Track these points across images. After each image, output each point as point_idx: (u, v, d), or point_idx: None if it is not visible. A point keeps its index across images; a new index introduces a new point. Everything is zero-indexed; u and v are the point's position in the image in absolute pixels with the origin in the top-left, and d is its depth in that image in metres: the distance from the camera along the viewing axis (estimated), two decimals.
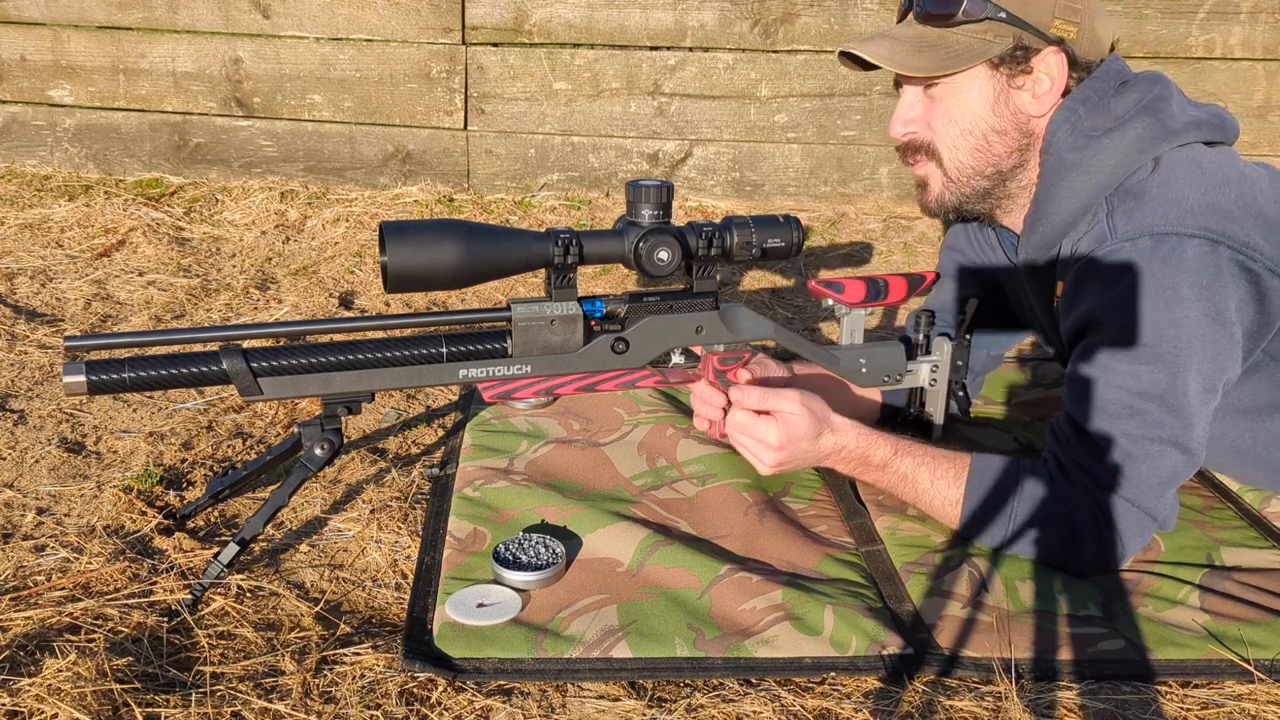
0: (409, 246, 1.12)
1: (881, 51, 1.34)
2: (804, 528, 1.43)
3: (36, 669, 1.10)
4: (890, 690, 1.14)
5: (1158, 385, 1.25)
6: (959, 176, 1.39)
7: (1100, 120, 1.32)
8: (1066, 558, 1.31)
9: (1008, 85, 1.34)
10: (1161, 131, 1.30)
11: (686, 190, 2.99)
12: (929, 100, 1.38)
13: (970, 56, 1.32)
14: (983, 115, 1.35)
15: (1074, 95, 1.33)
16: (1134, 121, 1.30)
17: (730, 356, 1.40)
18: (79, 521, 1.40)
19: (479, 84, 2.93)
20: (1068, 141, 1.32)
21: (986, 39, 1.32)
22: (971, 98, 1.35)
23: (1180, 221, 1.24)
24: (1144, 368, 1.26)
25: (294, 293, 2.29)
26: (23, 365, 1.86)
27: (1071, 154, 1.32)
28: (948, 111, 1.36)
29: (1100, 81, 1.33)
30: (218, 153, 3.00)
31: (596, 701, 1.11)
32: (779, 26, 2.86)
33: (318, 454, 1.25)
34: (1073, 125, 1.32)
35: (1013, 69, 1.33)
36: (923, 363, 1.52)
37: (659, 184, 1.25)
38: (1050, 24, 1.32)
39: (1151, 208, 1.26)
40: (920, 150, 1.41)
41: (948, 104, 1.36)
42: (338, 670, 1.15)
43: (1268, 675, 1.16)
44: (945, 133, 1.37)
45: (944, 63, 1.33)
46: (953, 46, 1.33)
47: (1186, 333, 1.24)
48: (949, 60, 1.33)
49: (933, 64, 1.33)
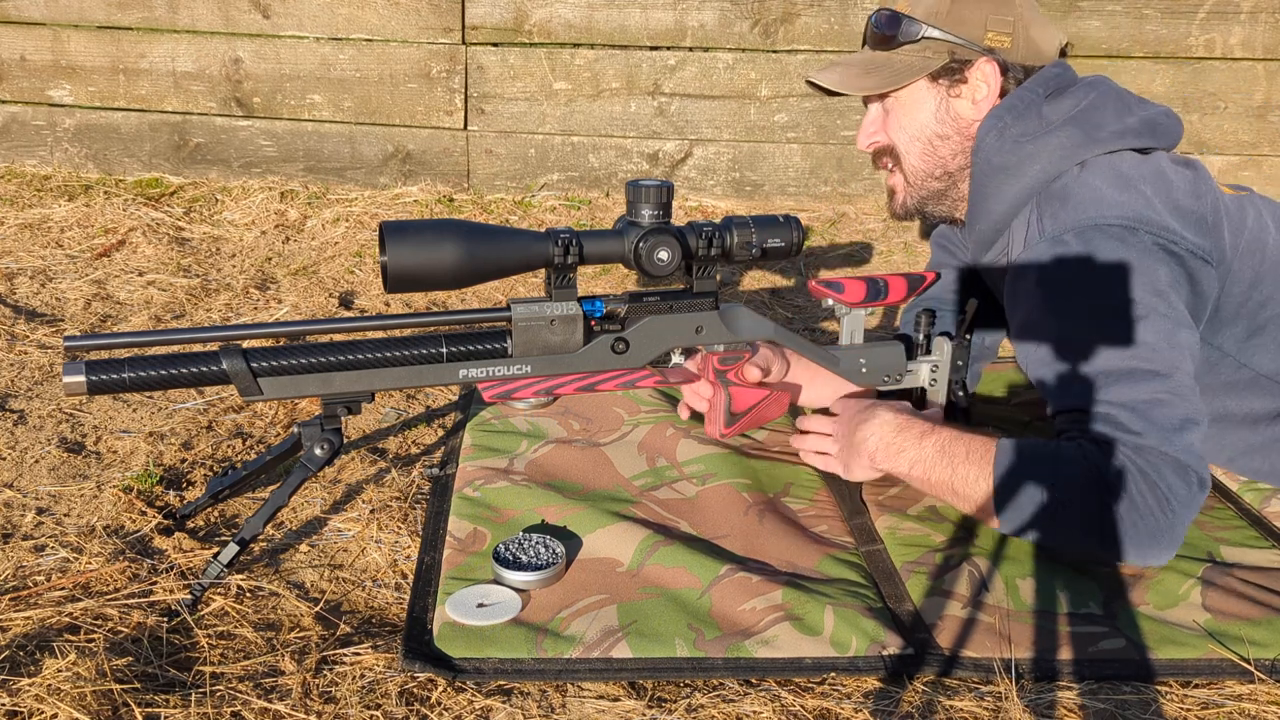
0: (409, 246, 1.12)
1: (833, 77, 1.51)
2: (804, 528, 1.43)
3: (36, 669, 1.10)
4: (890, 690, 1.14)
5: (1124, 352, 1.28)
6: (914, 179, 1.52)
7: (1028, 126, 1.41)
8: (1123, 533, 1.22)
9: (947, 95, 1.47)
10: (1085, 139, 1.38)
11: (686, 190, 2.99)
12: (885, 113, 1.52)
13: (911, 72, 1.46)
14: (927, 123, 1.49)
15: (1002, 104, 1.44)
16: (1060, 129, 1.39)
17: (730, 356, 1.40)
18: (79, 521, 1.40)
19: (479, 84, 2.93)
20: (994, 146, 1.43)
21: (925, 56, 1.46)
22: (917, 108, 1.49)
23: (1099, 214, 1.32)
24: (1102, 343, 1.29)
25: (294, 293, 2.29)
26: (23, 365, 1.86)
27: (998, 157, 1.42)
28: (898, 120, 1.51)
29: (1029, 90, 1.43)
30: (218, 153, 3.00)
31: (596, 701, 1.11)
32: (779, 26, 2.86)
33: (318, 454, 1.25)
34: (999, 131, 1.42)
35: (950, 79, 1.46)
36: (923, 362, 1.52)
37: (659, 184, 1.25)
38: (983, 36, 1.45)
39: (1074, 206, 1.34)
40: (885, 155, 1.55)
41: (898, 114, 1.51)
42: (338, 670, 1.15)
43: (1268, 675, 1.16)
44: (899, 139, 1.51)
45: (887, 80, 1.48)
46: (895, 65, 1.48)
47: (1127, 303, 1.29)
48: (891, 78, 1.47)
49: (877, 82, 1.48)
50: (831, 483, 1.56)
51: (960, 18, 1.46)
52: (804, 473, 1.57)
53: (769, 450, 1.64)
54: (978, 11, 1.46)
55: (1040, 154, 1.39)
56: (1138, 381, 1.26)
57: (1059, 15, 2.81)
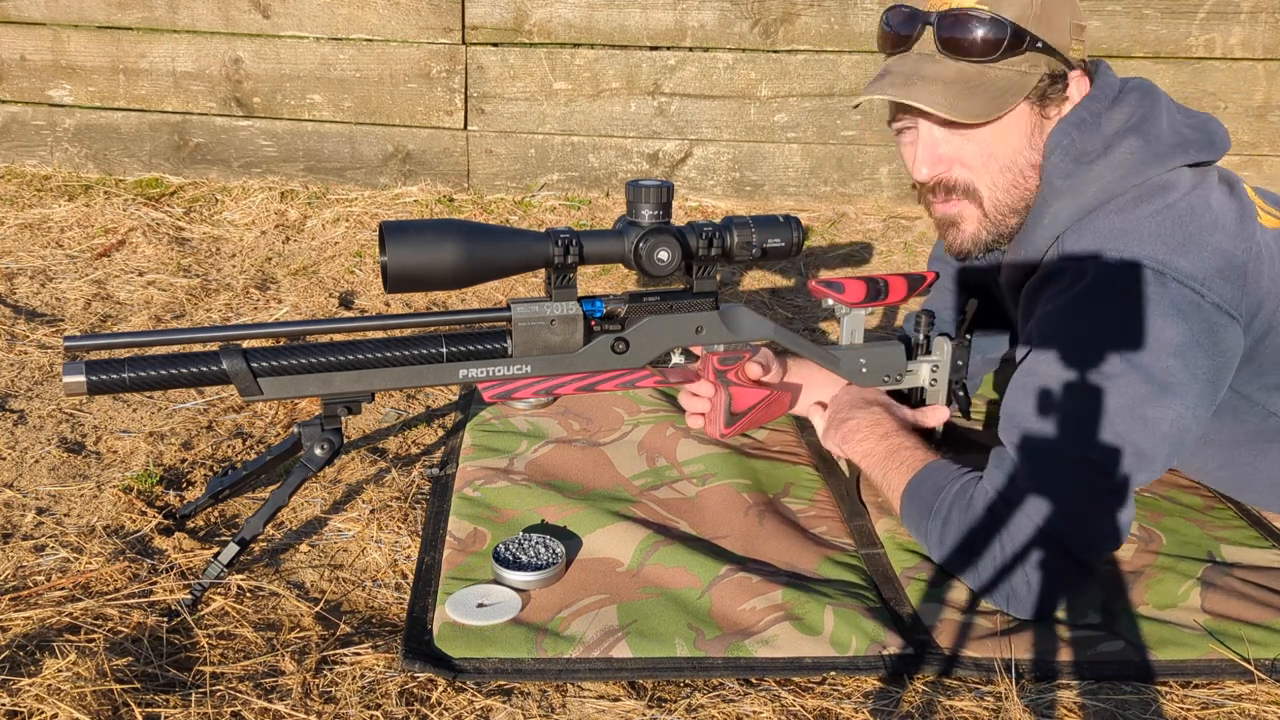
0: (409, 246, 1.12)
1: (936, 98, 1.24)
2: (804, 529, 1.43)
3: (36, 669, 1.10)
4: (890, 690, 1.14)
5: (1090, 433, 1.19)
6: (997, 215, 1.32)
7: (1091, 143, 1.27)
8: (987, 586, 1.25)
9: (1041, 116, 1.28)
10: (1148, 156, 1.25)
11: (686, 190, 2.99)
12: (959, 137, 1.29)
13: (1015, 92, 1.25)
14: (1021, 149, 1.28)
15: (1069, 117, 1.28)
16: (1120, 144, 1.26)
17: (730, 356, 1.40)
18: (79, 521, 1.40)
19: (479, 84, 2.93)
20: (1060, 167, 1.27)
21: (1023, 70, 1.25)
22: (1011, 132, 1.27)
23: (1128, 249, 1.20)
24: (1074, 409, 1.20)
25: (294, 293, 2.29)
26: (23, 365, 1.86)
27: (1061, 180, 1.28)
28: (987, 148, 1.28)
29: (1095, 101, 1.28)
30: (218, 153, 3.00)
31: (596, 701, 1.11)
32: (779, 26, 2.86)
33: (318, 454, 1.25)
34: (1065, 149, 1.27)
35: (1046, 99, 1.27)
36: (923, 362, 1.52)
37: (659, 184, 1.25)
38: (1070, 46, 1.27)
39: (1107, 232, 1.23)
40: (954, 190, 1.32)
41: (986, 140, 1.27)
42: (338, 670, 1.15)
43: (1268, 675, 1.16)
44: (985, 170, 1.29)
45: (994, 104, 1.24)
46: (995, 83, 1.24)
47: (1127, 365, 1.18)
48: (997, 100, 1.24)
49: (985, 107, 1.24)
50: (831, 483, 1.56)
51: (1051, 21, 1.25)
52: (804, 473, 1.57)
53: (769, 450, 1.64)
54: (1063, 13, 1.26)
55: (1102, 175, 1.25)
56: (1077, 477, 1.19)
57: None
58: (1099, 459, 1.19)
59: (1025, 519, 1.20)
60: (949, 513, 1.27)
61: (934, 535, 1.30)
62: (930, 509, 1.30)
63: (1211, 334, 1.19)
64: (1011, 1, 1.24)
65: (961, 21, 1.24)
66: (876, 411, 1.45)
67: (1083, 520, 1.20)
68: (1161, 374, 1.18)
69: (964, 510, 1.26)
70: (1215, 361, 1.21)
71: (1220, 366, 1.22)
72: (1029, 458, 1.22)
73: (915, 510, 1.33)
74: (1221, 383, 1.23)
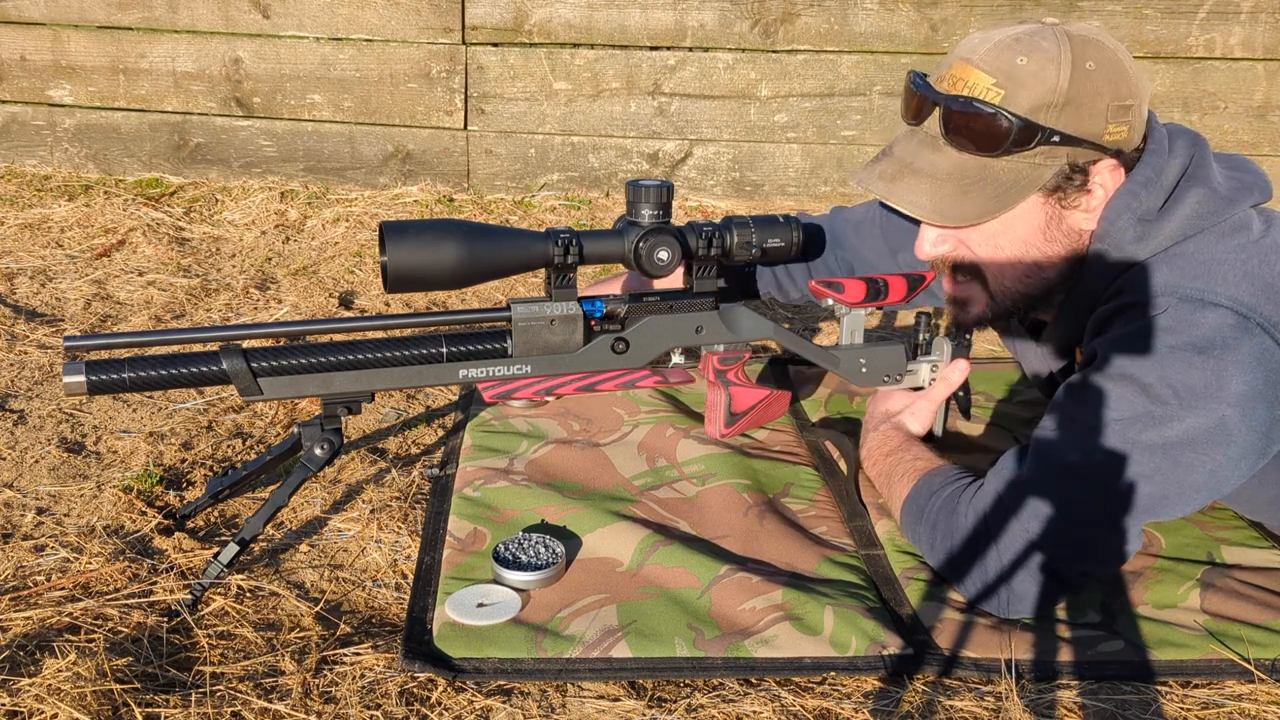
0: (409, 246, 1.13)
1: (921, 200, 1.17)
2: (804, 529, 1.43)
3: (36, 669, 1.10)
4: (890, 690, 1.14)
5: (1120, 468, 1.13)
6: (1004, 299, 1.26)
7: (1155, 199, 1.18)
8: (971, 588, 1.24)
9: (1060, 208, 1.19)
10: (1219, 201, 1.17)
11: (686, 190, 2.99)
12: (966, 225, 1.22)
13: (1021, 189, 1.16)
14: (1033, 242, 1.20)
15: (1133, 179, 1.19)
16: (1187, 195, 1.18)
17: (730, 356, 1.40)
18: (79, 521, 1.40)
19: (479, 84, 2.93)
20: (1130, 232, 1.18)
21: (1036, 163, 1.16)
22: (1020, 224, 1.19)
23: (1210, 288, 1.12)
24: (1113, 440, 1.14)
25: (294, 293, 2.29)
26: (23, 365, 1.86)
27: (1133, 245, 1.18)
28: (993, 239, 1.21)
29: (1155, 157, 1.19)
30: (218, 153, 3.00)
31: (596, 701, 1.11)
32: (779, 26, 2.86)
33: (318, 454, 1.25)
34: (1133, 212, 1.18)
35: (1066, 192, 1.18)
36: (923, 362, 1.52)
37: (659, 184, 1.25)
38: (1104, 132, 1.15)
39: (1183, 269, 1.15)
40: (958, 270, 1.26)
41: (992, 231, 1.20)
42: (338, 670, 1.15)
43: (1268, 675, 1.16)
44: (990, 260, 1.22)
45: (993, 203, 1.17)
46: (999, 179, 1.16)
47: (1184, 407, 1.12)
48: (999, 199, 1.16)
49: (981, 207, 1.17)
50: (831, 483, 1.56)
51: (1080, 108, 1.14)
52: (804, 473, 1.57)
53: (769, 450, 1.64)
54: (1099, 99, 1.14)
55: (1174, 227, 1.17)
56: (1084, 498, 1.15)
57: (1059, 15, 2.80)
58: (1110, 484, 1.15)
59: (1018, 526, 1.19)
60: (937, 517, 1.28)
61: (924, 540, 1.30)
62: (923, 514, 1.30)
63: (1277, 386, 1.12)
64: (1032, 88, 1.14)
65: (965, 114, 1.16)
66: (884, 429, 1.47)
67: (1075, 538, 1.18)
68: (1214, 422, 1.12)
69: (949, 514, 1.26)
70: (1274, 414, 1.13)
71: (1277, 420, 1.14)
72: (1039, 466, 1.20)
73: (911, 517, 1.33)
74: (1277, 436, 1.15)
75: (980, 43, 1.20)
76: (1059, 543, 1.18)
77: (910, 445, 1.42)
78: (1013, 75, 1.15)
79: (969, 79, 1.17)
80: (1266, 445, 1.16)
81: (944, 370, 1.49)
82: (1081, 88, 1.14)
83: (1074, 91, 1.14)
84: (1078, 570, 1.20)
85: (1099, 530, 1.18)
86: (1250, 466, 1.16)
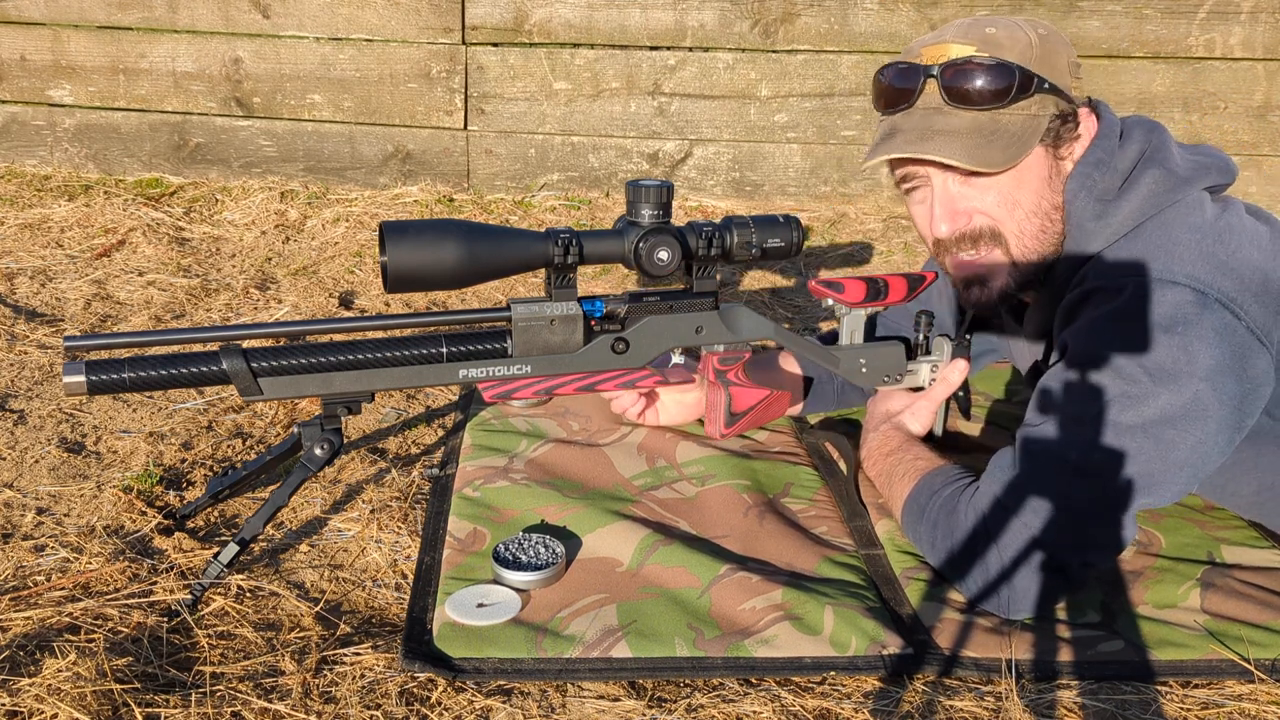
0: (409, 246, 1.12)
1: (956, 151, 1.20)
2: (804, 529, 1.43)
3: (36, 669, 1.10)
4: (890, 690, 1.14)
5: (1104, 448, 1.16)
6: (1024, 261, 1.27)
7: (1111, 180, 1.24)
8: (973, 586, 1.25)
9: (1056, 158, 1.25)
10: (1174, 181, 1.22)
11: (686, 190, 2.99)
12: (977, 189, 1.25)
13: (1029, 135, 1.21)
14: (1043, 192, 1.24)
15: (1086, 158, 1.25)
16: (1144, 176, 1.23)
17: (730, 356, 1.40)
18: (79, 521, 1.40)
19: (479, 84, 2.93)
20: (1088, 210, 1.24)
21: (1033, 113, 1.22)
22: (1031, 175, 1.23)
23: (1168, 269, 1.17)
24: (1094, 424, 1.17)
25: (294, 293, 2.29)
26: (23, 365, 1.86)
27: (1091, 222, 1.24)
28: (1010, 196, 1.24)
29: (1106, 139, 1.26)
30: (218, 153, 3.00)
31: (596, 701, 1.11)
32: (779, 26, 2.86)
33: (318, 454, 1.25)
34: (1089, 190, 1.24)
35: (1060, 139, 1.24)
36: (923, 362, 1.52)
37: (659, 184, 1.25)
38: (1071, 84, 1.24)
39: (1140, 249, 1.20)
40: (979, 239, 1.27)
41: (1007, 188, 1.23)
42: (338, 670, 1.15)
43: (1268, 675, 1.16)
44: (1010, 217, 1.25)
45: (1013, 150, 1.21)
46: (1009, 129, 1.21)
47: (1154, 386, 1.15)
48: (1015, 146, 1.21)
49: (1005, 154, 1.21)
50: (831, 484, 1.56)
51: (1051, 62, 1.22)
52: (804, 473, 1.57)
53: (769, 450, 1.64)
54: (1060, 53, 1.23)
55: (1132, 205, 1.23)
56: (1076, 486, 1.17)
57: (1059, 15, 2.81)
58: (1102, 471, 1.17)
59: (1018, 524, 1.20)
60: (938, 517, 1.28)
61: (925, 540, 1.31)
62: (923, 514, 1.31)
63: (1243, 359, 1.16)
64: (1011, 46, 1.21)
65: (967, 70, 1.21)
66: (885, 430, 1.48)
67: (1075, 530, 1.19)
68: (1189, 397, 1.14)
69: (949, 514, 1.26)
70: (1244, 387, 1.17)
71: (1248, 393, 1.17)
72: (1031, 463, 1.22)
73: (912, 517, 1.34)
74: (1249, 410, 1.19)
75: (939, 33, 1.27)
76: (1059, 535, 1.19)
77: (910, 445, 1.43)
78: (989, 40, 1.22)
79: (949, 53, 1.23)
80: (1240, 419, 1.18)
81: (943, 370, 1.49)
82: (1047, 45, 1.23)
83: (1044, 48, 1.22)
84: (1079, 561, 1.20)
85: (1095, 518, 1.19)
86: (1229, 441, 1.19)
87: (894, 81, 1.26)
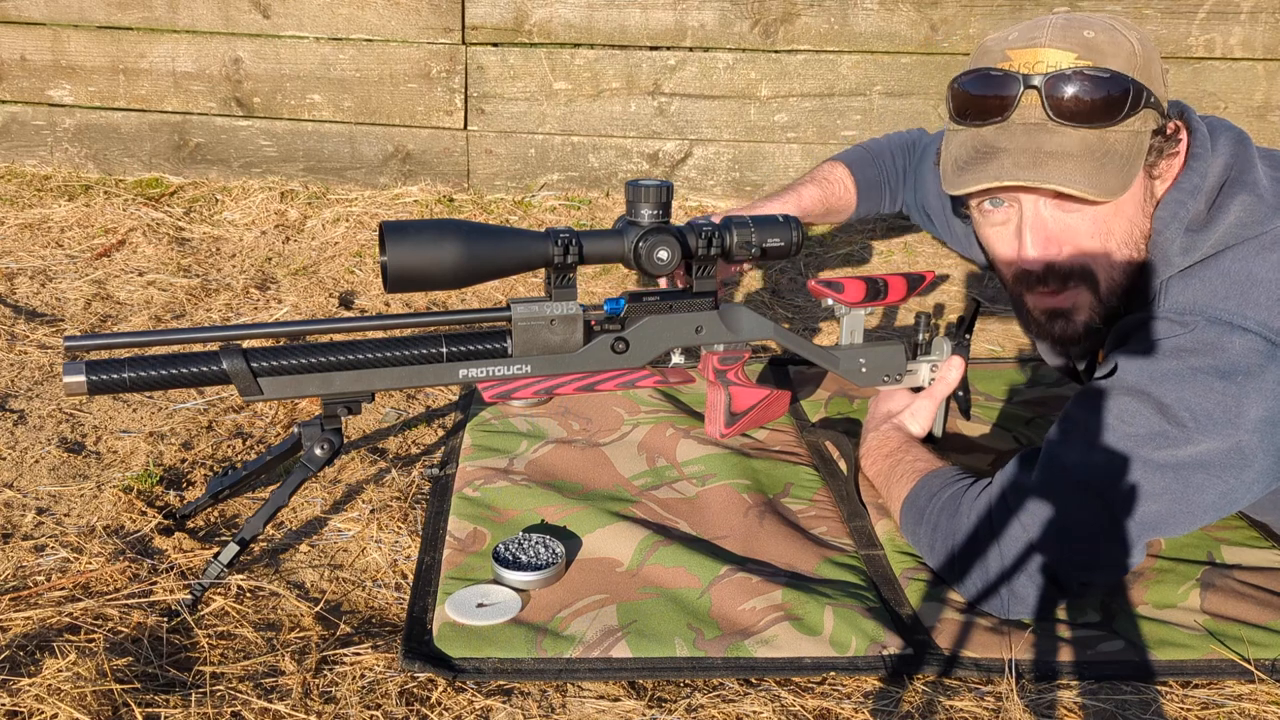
0: (409, 246, 1.12)
1: (1076, 179, 1.06)
2: (804, 529, 1.43)
3: (36, 669, 1.10)
4: (890, 690, 1.14)
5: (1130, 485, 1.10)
6: (1110, 298, 1.16)
7: (1198, 205, 1.12)
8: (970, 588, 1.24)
9: (1149, 177, 1.12)
10: (1262, 211, 1.11)
11: (686, 190, 2.99)
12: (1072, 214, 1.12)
13: (1136, 156, 1.08)
14: (1137, 220, 1.12)
15: (1181, 184, 1.13)
16: (1232, 203, 1.12)
17: (730, 356, 1.40)
18: (79, 521, 1.40)
19: (479, 84, 2.93)
20: (1176, 243, 1.13)
21: (1136, 130, 1.08)
22: (1129, 202, 1.11)
23: (1240, 311, 1.08)
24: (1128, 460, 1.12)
25: (294, 293, 2.29)
26: (23, 365, 1.86)
27: (1180, 256, 1.13)
28: (1104, 225, 1.11)
29: (1200, 161, 1.14)
30: (218, 153, 3.00)
31: (596, 701, 1.11)
32: (779, 26, 2.86)
33: (318, 454, 1.25)
34: (1180, 221, 1.12)
35: (1159, 159, 1.11)
36: (923, 362, 1.52)
37: (659, 184, 1.25)
38: (1166, 95, 1.11)
39: (1215, 284, 1.10)
40: (1069, 278, 1.15)
41: (1103, 216, 1.11)
42: (338, 670, 1.15)
43: (1268, 675, 1.16)
44: (1102, 249, 1.12)
45: (1126, 175, 1.08)
46: (1117, 149, 1.08)
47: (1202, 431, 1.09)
48: (1127, 170, 1.08)
49: (1120, 180, 1.07)
50: (831, 484, 1.56)
51: (1151, 71, 1.08)
52: (804, 473, 1.57)
53: (769, 450, 1.64)
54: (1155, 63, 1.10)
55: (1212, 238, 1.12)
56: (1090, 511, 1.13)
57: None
58: (1118, 501, 1.14)
59: (1021, 530, 1.19)
60: (938, 519, 1.28)
61: (924, 542, 1.30)
62: (922, 515, 1.30)
63: None
64: (1115, 54, 1.08)
65: (1079, 82, 1.07)
66: (884, 430, 1.48)
67: (1076, 550, 1.17)
68: (1229, 446, 1.09)
69: (950, 515, 1.26)
70: None
71: None
72: (1048, 473, 1.19)
73: (911, 518, 1.33)
74: None
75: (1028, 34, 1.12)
76: (1059, 550, 1.18)
77: (910, 446, 1.42)
78: (1091, 46, 1.08)
79: (1045, 59, 1.08)
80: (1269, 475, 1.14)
81: (942, 370, 1.49)
82: (1148, 52, 1.10)
83: (1145, 55, 1.09)
84: (1077, 579, 1.20)
85: (1100, 541, 1.17)
86: (1264, 488, 1.15)
87: (985, 91, 1.12)
